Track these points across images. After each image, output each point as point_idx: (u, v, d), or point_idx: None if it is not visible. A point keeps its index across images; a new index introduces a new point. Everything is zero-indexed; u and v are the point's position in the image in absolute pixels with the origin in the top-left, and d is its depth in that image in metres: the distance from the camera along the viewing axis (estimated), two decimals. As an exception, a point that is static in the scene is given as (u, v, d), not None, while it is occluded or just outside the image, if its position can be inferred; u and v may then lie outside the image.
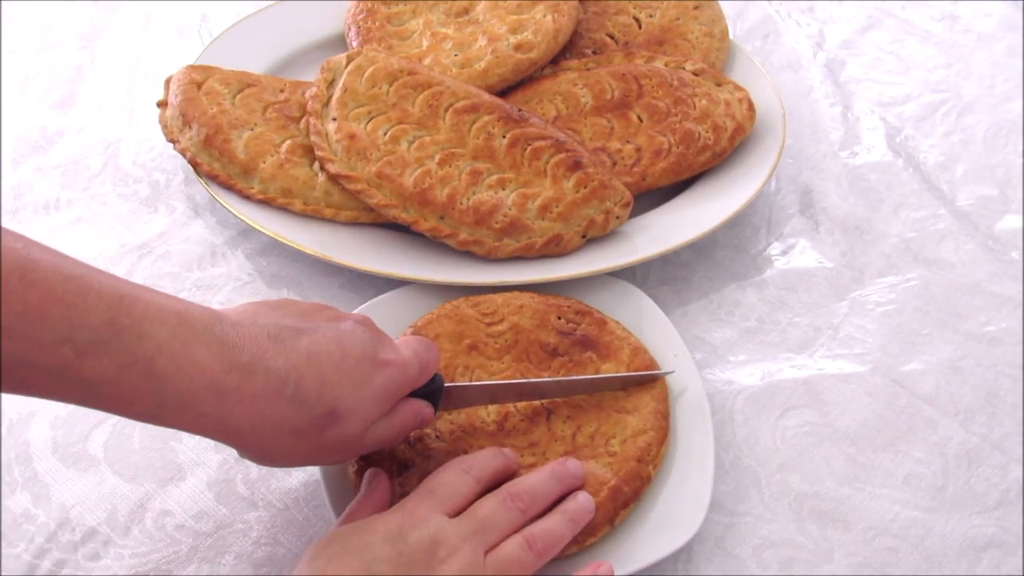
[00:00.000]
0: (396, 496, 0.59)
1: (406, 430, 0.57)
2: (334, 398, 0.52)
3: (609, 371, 0.67)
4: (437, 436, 0.63)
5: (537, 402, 0.65)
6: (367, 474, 0.59)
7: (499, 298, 0.70)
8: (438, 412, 0.61)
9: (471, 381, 0.66)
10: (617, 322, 0.70)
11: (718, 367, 0.72)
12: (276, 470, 0.65)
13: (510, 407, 0.65)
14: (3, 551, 0.61)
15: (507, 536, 0.55)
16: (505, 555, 0.54)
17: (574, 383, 0.65)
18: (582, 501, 0.58)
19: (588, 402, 0.65)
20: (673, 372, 0.67)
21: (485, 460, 0.58)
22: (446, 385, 0.60)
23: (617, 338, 0.68)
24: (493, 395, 0.64)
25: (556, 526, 0.56)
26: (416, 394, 0.58)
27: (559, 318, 0.69)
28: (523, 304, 0.70)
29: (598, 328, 0.69)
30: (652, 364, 0.67)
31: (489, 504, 0.55)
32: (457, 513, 0.55)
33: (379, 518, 0.53)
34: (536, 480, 0.58)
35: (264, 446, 0.52)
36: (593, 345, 0.68)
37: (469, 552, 0.52)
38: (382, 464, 0.61)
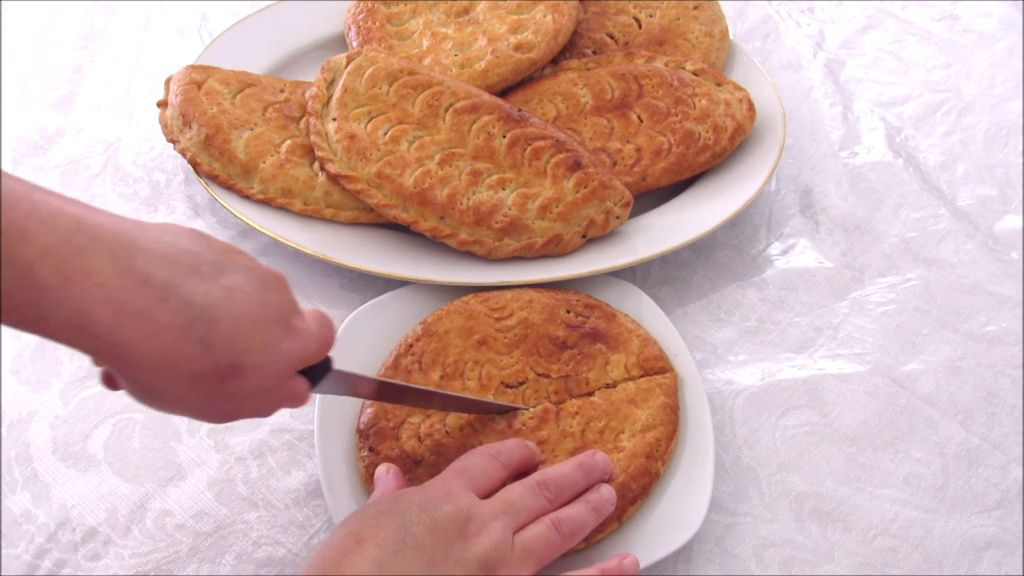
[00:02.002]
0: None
1: (282, 405, 0.53)
2: (243, 351, 0.47)
3: (619, 362, 0.67)
4: (447, 432, 0.63)
5: (546, 400, 0.65)
6: (380, 468, 0.60)
7: (508, 293, 0.71)
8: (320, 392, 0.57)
9: (482, 385, 0.66)
10: (626, 315, 0.70)
11: (718, 367, 0.72)
12: (276, 470, 0.65)
13: (520, 403, 0.65)
14: (3, 551, 0.61)
15: (535, 519, 0.55)
16: (533, 535, 0.54)
17: (477, 403, 0.63)
18: (605, 493, 0.59)
19: (598, 397, 0.65)
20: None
21: (512, 449, 0.59)
22: (334, 369, 0.55)
23: (626, 330, 0.69)
24: (381, 392, 0.62)
25: (581, 513, 0.57)
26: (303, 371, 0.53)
27: (568, 312, 0.69)
28: (532, 299, 0.70)
29: (607, 321, 0.69)
30: (661, 354, 0.68)
31: (518, 489, 0.56)
32: (485, 495, 0.55)
33: (413, 489, 0.54)
34: (564, 471, 0.59)
35: (155, 384, 0.47)
36: (602, 337, 0.68)
37: (499, 529, 0.53)
38: (392, 460, 0.61)
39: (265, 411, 0.52)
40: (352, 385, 0.60)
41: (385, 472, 0.59)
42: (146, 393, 0.48)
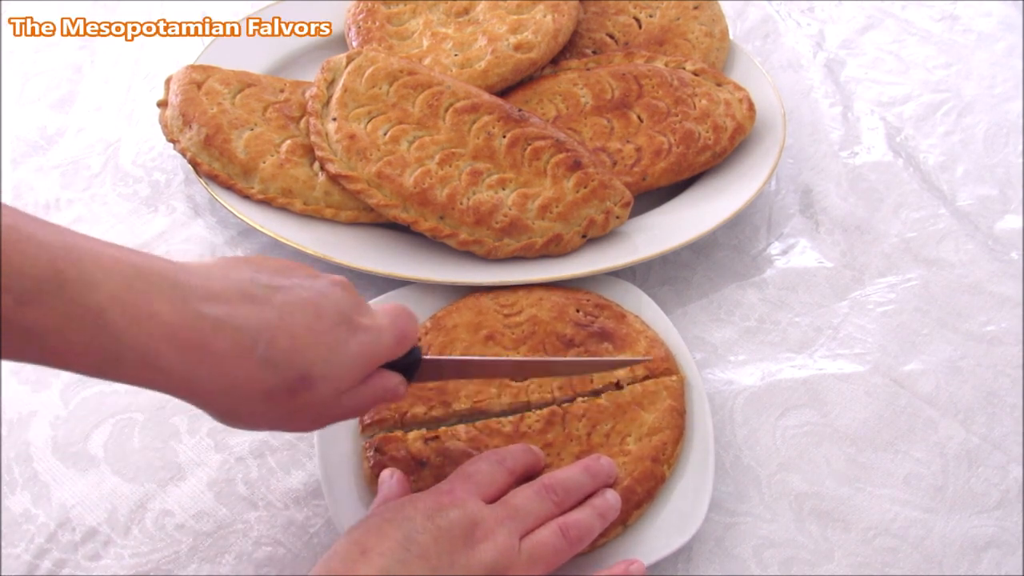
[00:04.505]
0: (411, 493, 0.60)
1: (376, 402, 0.54)
2: (307, 361, 0.49)
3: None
4: (453, 435, 0.63)
5: (554, 403, 0.65)
6: (384, 473, 0.60)
7: (519, 290, 0.71)
8: (413, 382, 0.58)
9: (488, 380, 0.66)
10: (636, 316, 0.70)
11: (718, 367, 0.72)
12: (276, 470, 0.65)
13: (524, 399, 0.65)
14: (3, 551, 0.61)
15: (541, 524, 0.55)
16: (540, 540, 0.54)
17: (557, 364, 0.65)
18: (611, 498, 0.58)
19: (604, 399, 0.65)
20: (650, 359, 0.67)
21: (517, 454, 0.59)
22: (423, 358, 0.57)
23: (634, 331, 0.69)
24: (468, 370, 0.62)
25: (588, 518, 0.57)
26: (392, 366, 0.55)
27: (577, 311, 0.69)
28: (542, 296, 0.70)
29: (616, 321, 0.69)
30: (668, 356, 0.68)
31: (525, 493, 0.56)
32: (491, 500, 0.55)
33: (418, 496, 0.54)
34: (569, 474, 0.58)
35: (230, 407, 0.49)
36: (610, 337, 0.68)
37: (505, 535, 0.53)
38: (397, 462, 0.61)
39: (357, 411, 0.54)
40: (446, 370, 0.60)
41: (389, 477, 0.59)
42: (229, 416, 0.50)
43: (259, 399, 0.48)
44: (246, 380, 0.47)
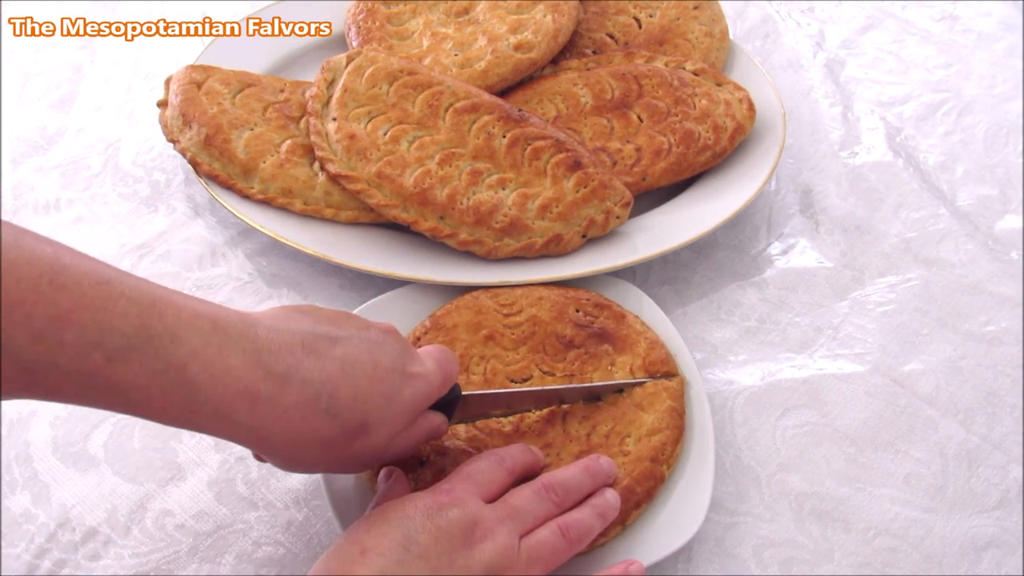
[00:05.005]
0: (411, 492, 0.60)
1: (422, 441, 0.58)
2: (365, 411, 0.52)
3: (624, 364, 0.67)
4: (453, 434, 0.63)
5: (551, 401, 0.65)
6: (383, 472, 0.60)
7: (519, 290, 0.71)
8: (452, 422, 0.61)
9: (487, 380, 0.66)
10: (636, 316, 0.70)
11: (718, 367, 0.72)
12: (276, 470, 0.65)
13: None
14: (3, 551, 0.61)
15: (540, 524, 0.55)
16: (539, 540, 0.54)
17: (592, 389, 0.65)
18: (610, 498, 0.58)
19: (604, 400, 0.65)
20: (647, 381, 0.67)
21: (516, 454, 0.59)
22: (464, 394, 0.60)
23: (634, 332, 0.69)
24: (510, 403, 0.64)
25: (587, 518, 0.57)
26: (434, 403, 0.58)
27: (577, 311, 0.69)
28: (542, 296, 0.70)
29: (616, 322, 0.69)
30: (668, 358, 0.68)
31: (524, 493, 0.56)
32: (491, 500, 0.55)
33: (418, 495, 0.54)
34: (570, 474, 0.58)
35: (292, 454, 0.52)
36: (610, 338, 0.68)
37: (505, 535, 0.53)
38: (396, 461, 0.61)
39: (405, 453, 0.57)
40: (483, 404, 0.63)
41: (387, 476, 0.59)
42: (289, 462, 0.53)
43: (320, 446, 0.51)
44: (311, 431, 0.50)
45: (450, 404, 0.59)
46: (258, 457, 0.56)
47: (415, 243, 0.74)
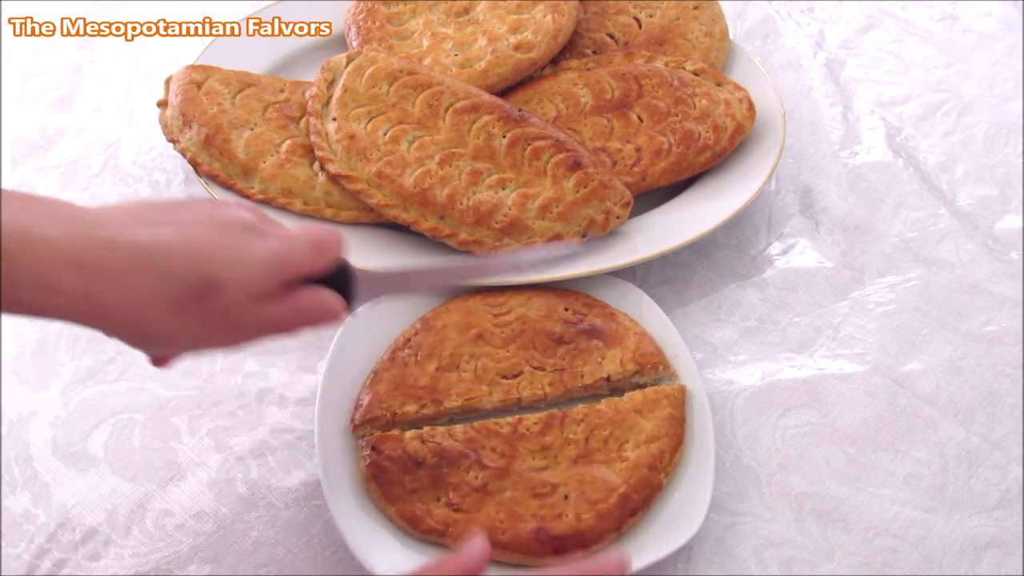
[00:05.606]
0: (409, 492, 0.60)
1: (309, 319, 0.52)
2: (210, 265, 0.48)
3: (615, 357, 0.67)
4: (451, 435, 0.63)
5: (545, 400, 0.66)
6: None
7: (508, 291, 0.71)
8: (356, 305, 0.55)
9: (477, 377, 0.66)
10: (626, 314, 0.70)
11: (718, 367, 0.72)
12: (276, 470, 0.65)
13: (515, 395, 0.65)
14: (3, 551, 0.61)
15: None
16: None
17: (491, 264, 0.64)
18: None
19: (604, 405, 0.65)
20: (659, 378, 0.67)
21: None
22: (358, 270, 0.54)
23: (623, 327, 0.69)
24: (409, 282, 0.59)
25: None
26: (325, 286, 0.52)
27: (566, 309, 0.70)
28: (531, 296, 0.70)
29: (605, 318, 0.69)
30: (657, 351, 0.68)
31: None
32: None
33: None
34: None
35: (141, 327, 0.48)
36: (599, 334, 0.68)
37: None
38: (394, 461, 0.61)
39: (284, 325, 0.52)
40: (391, 283, 0.58)
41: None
42: (144, 339, 0.50)
43: (165, 312, 0.48)
44: (147, 293, 0.47)
45: (343, 284, 0.53)
46: (155, 363, 0.53)
47: (415, 243, 0.74)
